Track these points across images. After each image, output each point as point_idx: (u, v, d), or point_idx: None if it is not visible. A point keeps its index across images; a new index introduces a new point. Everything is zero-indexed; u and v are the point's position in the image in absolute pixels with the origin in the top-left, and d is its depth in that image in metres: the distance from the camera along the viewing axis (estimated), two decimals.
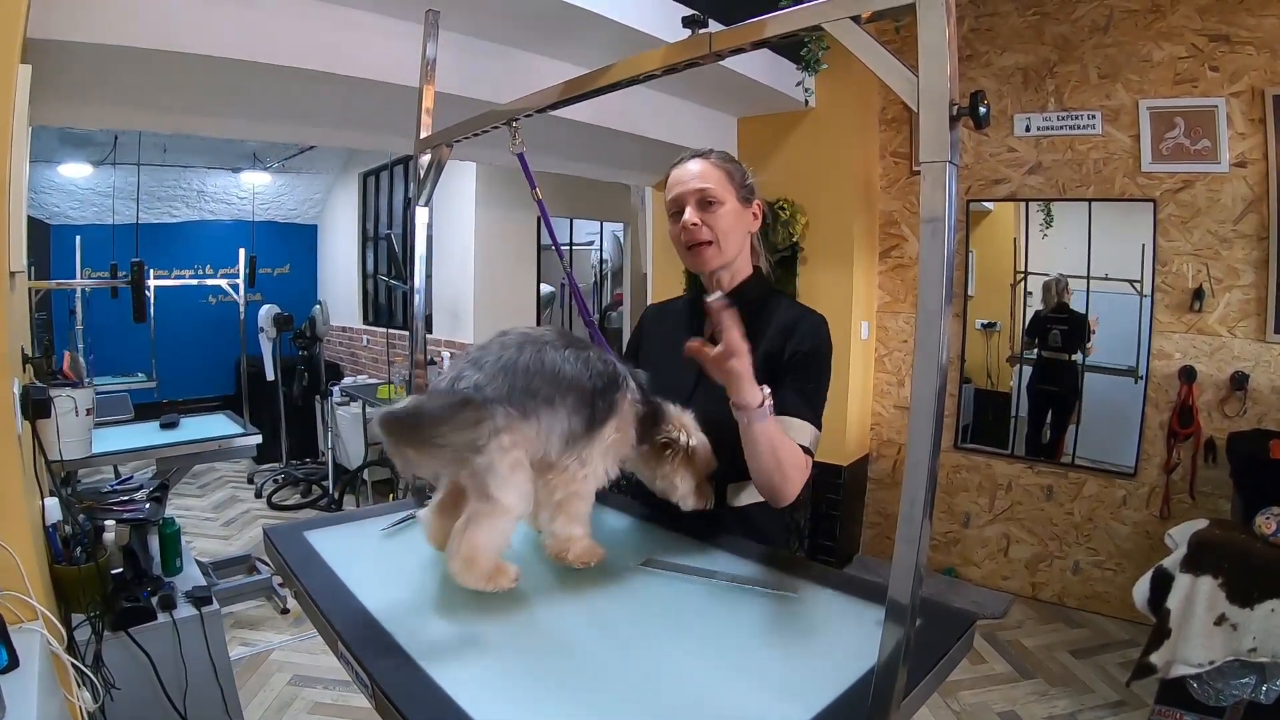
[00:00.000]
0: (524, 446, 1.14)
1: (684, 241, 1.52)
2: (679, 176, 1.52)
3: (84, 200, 6.56)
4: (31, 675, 1.34)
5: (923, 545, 0.73)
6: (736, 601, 1.15)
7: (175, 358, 7.03)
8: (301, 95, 2.57)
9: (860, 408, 4.31)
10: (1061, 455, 3.85)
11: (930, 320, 0.72)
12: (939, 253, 0.70)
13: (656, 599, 1.16)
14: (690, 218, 1.49)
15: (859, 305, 4.13)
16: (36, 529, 1.60)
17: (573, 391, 1.18)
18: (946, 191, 0.70)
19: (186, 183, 7.32)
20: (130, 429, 3.90)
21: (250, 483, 5.92)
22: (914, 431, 0.73)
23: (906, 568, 0.75)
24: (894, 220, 4.25)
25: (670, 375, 1.49)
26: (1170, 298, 3.46)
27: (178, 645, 2.02)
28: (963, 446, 4.11)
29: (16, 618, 1.47)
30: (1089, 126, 3.58)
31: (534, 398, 1.14)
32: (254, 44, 2.21)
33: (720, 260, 1.52)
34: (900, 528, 0.75)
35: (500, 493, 1.12)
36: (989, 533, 4.03)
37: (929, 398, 0.71)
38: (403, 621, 1.06)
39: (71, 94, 2.32)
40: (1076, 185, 3.64)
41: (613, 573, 1.25)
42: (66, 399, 2.32)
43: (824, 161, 4.03)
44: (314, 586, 1.18)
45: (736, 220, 1.51)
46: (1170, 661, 2.49)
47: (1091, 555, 3.71)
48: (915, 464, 0.74)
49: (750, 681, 0.93)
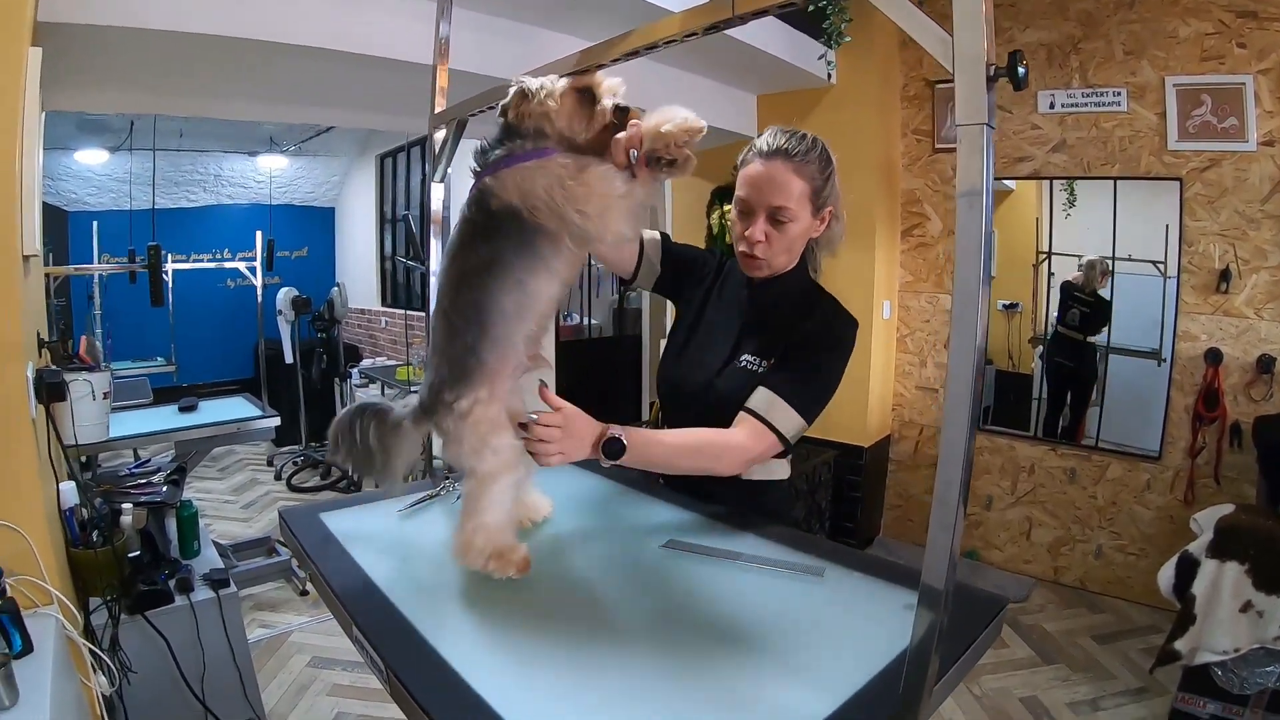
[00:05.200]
0: (491, 401, 1.15)
1: (744, 250, 1.44)
2: (758, 176, 1.40)
3: (101, 186, 6.58)
4: (46, 660, 1.33)
5: (958, 530, 0.70)
6: (761, 584, 1.13)
7: (195, 342, 7.06)
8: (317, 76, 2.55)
9: (882, 389, 4.26)
10: (1083, 437, 3.79)
11: (968, 297, 0.68)
12: (976, 223, 0.67)
13: (679, 581, 1.14)
14: (756, 234, 1.40)
15: (881, 285, 4.08)
16: (52, 513, 1.59)
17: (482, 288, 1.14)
18: (984, 156, 0.67)
19: (204, 167, 7.32)
20: (149, 412, 3.90)
21: (270, 465, 5.94)
22: (950, 413, 0.70)
23: (941, 553, 0.71)
24: (916, 199, 4.18)
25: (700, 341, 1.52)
26: (1196, 279, 3.38)
27: (195, 628, 2.02)
28: (985, 428, 4.05)
29: (31, 602, 1.47)
30: (1114, 104, 3.49)
31: (471, 353, 1.14)
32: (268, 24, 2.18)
33: (768, 273, 1.46)
34: (934, 512, 0.71)
35: (475, 461, 1.14)
36: (1011, 516, 3.99)
37: (966, 379, 0.68)
38: (418, 604, 1.05)
39: (84, 78, 2.31)
40: (1101, 163, 3.57)
41: (634, 555, 1.24)
42: (83, 383, 2.32)
43: (845, 139, 3.88)
44: (328, 569, 1.17)
45: (801, 235, 1.43)
46: (1195, 648, 2.45)
47: (1114, 539, 3.66)
48: (950, 447, 0.70)
49: (777, 667, 0.91)
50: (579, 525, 1.40)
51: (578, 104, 1.13)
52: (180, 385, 6.14)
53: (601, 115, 1.13)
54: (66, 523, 1.97)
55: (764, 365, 1.41)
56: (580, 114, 1.13)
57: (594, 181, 1.09)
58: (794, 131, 1.41)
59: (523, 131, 1.13)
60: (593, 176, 1.09)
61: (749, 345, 1.45)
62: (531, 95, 1.11)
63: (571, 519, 1.42)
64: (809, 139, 1.40)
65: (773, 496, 1.52)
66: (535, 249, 1.12)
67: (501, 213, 1.11)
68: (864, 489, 4.16)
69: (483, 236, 1.13)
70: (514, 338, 1.16)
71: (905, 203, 4.23)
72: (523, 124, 1.13)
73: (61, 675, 1.41)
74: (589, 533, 1.37)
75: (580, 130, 1.14)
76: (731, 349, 1.47)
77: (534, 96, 1.11)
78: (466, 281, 1.15)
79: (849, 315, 1.46)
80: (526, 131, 1.13)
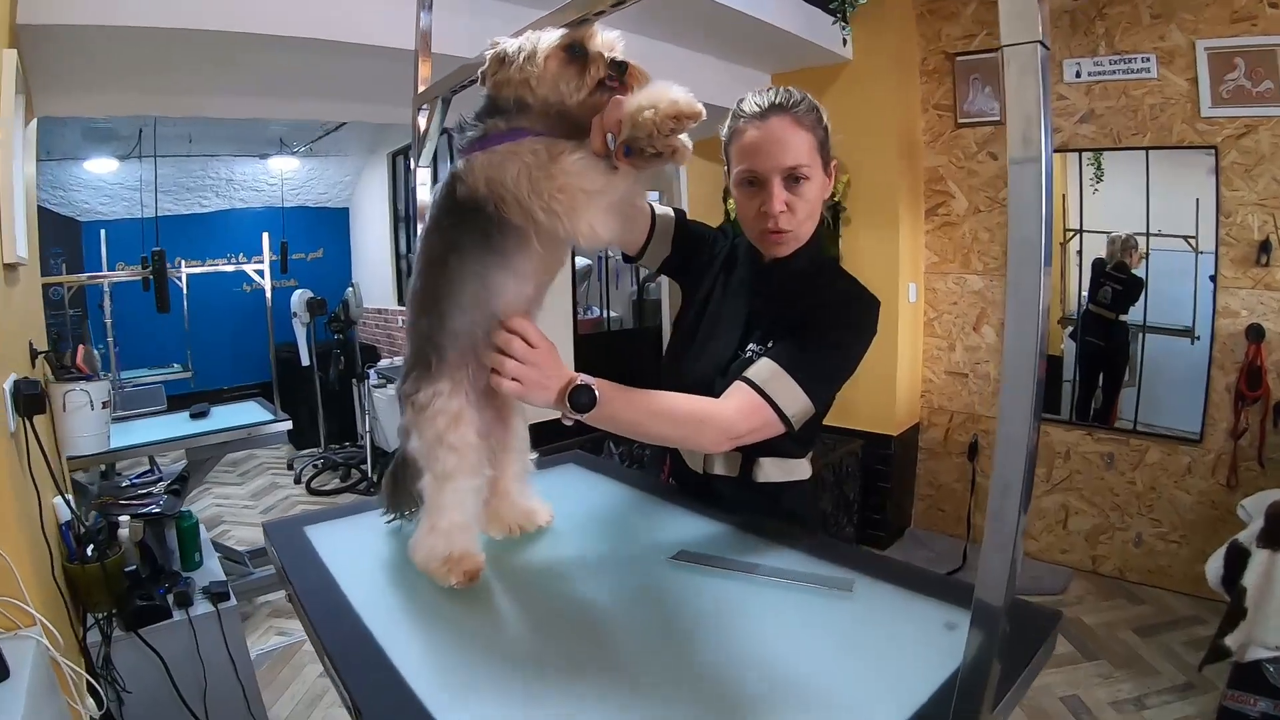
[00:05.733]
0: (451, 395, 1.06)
1: (766, 227, 1.28)
2: (761, 140, 1.25)
3: (113, 195, 6.55)
4: (20, 687, 1.26)
5: (1018, 545, 0.58)
6: (782, 600, 1.01)
7: (210, 347, 7.03)
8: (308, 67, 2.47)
9: (909, 374, 4.12)
10: (1116, 420, 3.65)
11: (1026, 258, 0.55)
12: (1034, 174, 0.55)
13: (691, 599, 1.02)
14: (777, 204, 1.24)
15: (905, 266, 3.94)
16: (34, 530, 1.52)
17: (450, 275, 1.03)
18: (1039, 81, 0.54)
19: (215, 172, 7.29)
20: (160, 420, 3.86)
21: (290, 469, 5.90)
22: (1007, 403, 0.58)
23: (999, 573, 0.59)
24: (939, 176, 4.03)
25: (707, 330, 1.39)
26: (1235, 251, 3.22)
27: (194, 644, 1.95)
28: None
29: (13, 624, 1.40)
30: (1143, 70, 3.33)
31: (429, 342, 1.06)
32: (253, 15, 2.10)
33: (796, 246, 1.31)
34: (990, 525, 0.59)
35: (430, 459, 1.06)
36: (1047, 504, 3.84)
37: (1026, 362, 0.56)
38: (395, 630, 0.95)
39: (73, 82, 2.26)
40: (1132, 133, 3.41)
41: (640, 568, 1.12)
42: (80, 393, 2.25)
43: (864, 117, 3.82)
44: (304, 589, 1.07)
45: (818, 196, 1.29)
46: (1246, 644, 2.31)
47: (1154, 526, 3.51)
48: (1010, 442, 0.58)
49: (801, 697, 0.80)
50: (579, 534, 1.29)
51: (565, 64, 0.98)
52: (197, 391, 6.12)
53: (594, 74, 0.97)
54: (64, 538, 1.92)
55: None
56: (568, 75, 0.97)
57: (564, 173, 0.94)
58: (775, 88, 1.28)
59: (502, 104, 1.01)
60: (563, 167, 0.95)
61: (756, 336, 1.32)
62: (510, 60, 0.98)
63: (571, 526, 1.31)
64: (795, 91, 1.27)
65: (793, 499, 1.38)
66: (499, 247, 1.00)
67: (466, 202, 0.99)
68: (893, 479, 4.03)
69: (449, 224, 1.03)
70: (475, 332, 1.06)
71: (928, 181, 4.08)
72: (501, 94, 1.00)
73: (41, 699, 1.34)
74: (589, 543, 1.25)
75: (571, 93, 0.97)
76: (739, 339, 1.34)
77: (513, 61, 0.97)
78: (431, 268, 1.05)
79: (869, 293, 1.32)
80: (506, 104, 1.00)
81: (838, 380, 1.26)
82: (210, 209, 7.49)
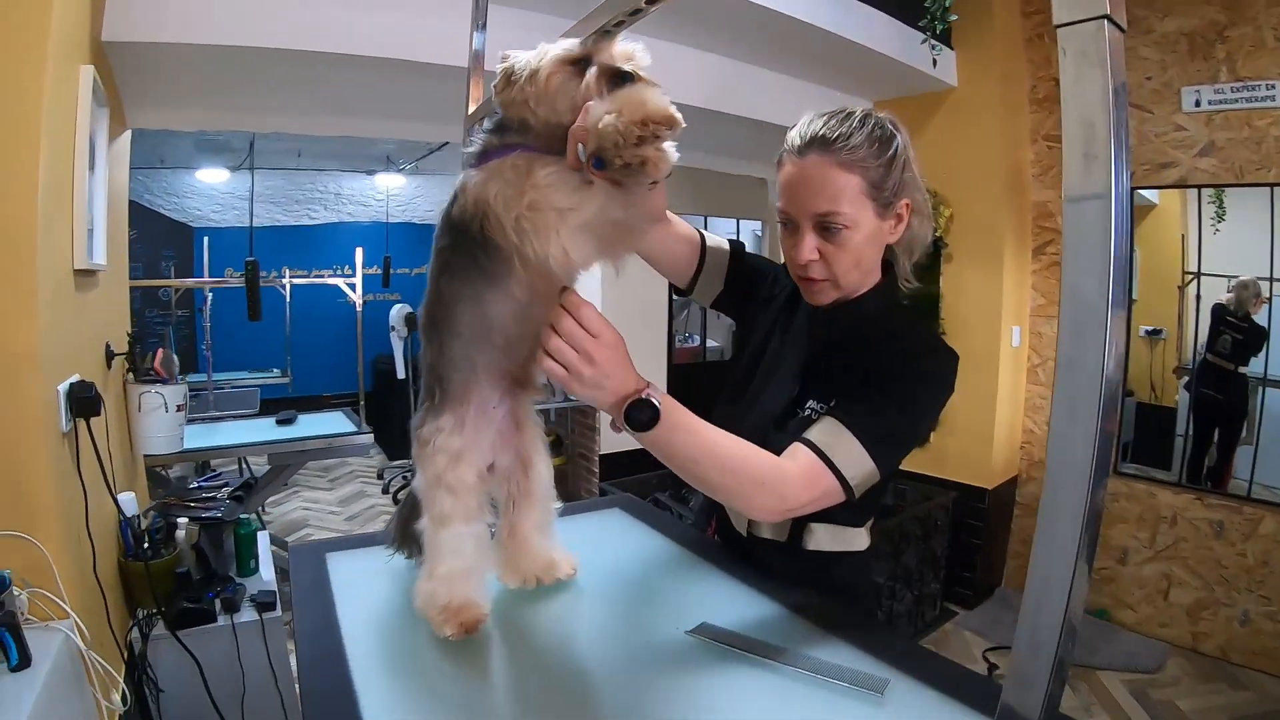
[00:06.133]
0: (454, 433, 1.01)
1: (795, 273, 1.17)
2: (794, 180, 1.11)
3: (224, 204, 6.94)
4: (38, 677, 1.29)
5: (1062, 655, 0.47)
6: (803, 696, 0.88)
7: (310, 355, 7.32)
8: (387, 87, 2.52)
9: (1009, 424, 3.87)
10: (1230, 480, 3.34)
11: (1083, 326, 0.45)
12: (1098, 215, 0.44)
13: (703, 682, 0.91)
14: (804, 253, 1.10)
15: (1009, 308, 3.70)
16: (77, 527, 1.56)
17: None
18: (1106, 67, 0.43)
19: (323, 186, 7.63)
20: (247, 424, 4.02)
21: (380, 478, 6.03)
22: (1055, 474, 0.48)
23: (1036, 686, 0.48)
24: (1049, 212, 3.80)
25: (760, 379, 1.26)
26: None
27: (236, 650, 1.97)
28: (1123, 472, 3.62)
29: (47, 615, 1.44)
30: (1268, 98, 3.06)
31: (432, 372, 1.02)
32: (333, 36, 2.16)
33: (837, 295, 1.16)
34: (1023, 622, 0.49)
35: (428, 499, 1.01)
36: (1147, 572, 3.53)
37: (1073, 472, 0.45)
38: (381, 684, 0.90)
39: (161, 96, 2.36)
40: (1256, 168, 3.13)
41: (654, 640, 1.02)
42: (154, 395, 2.34)
43: (968, 147, 3.66)
44: (303, 628, 1.04)
45: (869, 244, 1.12)
46: None
47: (1264, 605, 3.17)
48: (1054, 510, 0.48)
49: None
50: (599, 592, 1.20)
51: (568, 80, 0.89)
52: (294, 396, 6.37)
53: (586, 90, 0.87)
54: (123, 534, 1.98)
55: None
56: (568, 91, 0.89)
57: (533, 188, 0.87)
58: (836, 112, 1.11)
59: (508, 122, 0.94)
60: (533, 182, 0.87)
61: (815, 389, 1.18)
62: (515, 78, 0.91)
63: (594, 581, 1.22)
64: (856, 116, 1.10)
65: (845, 571, 1.22)
66: (489, 269, 0.93)
67: (459, 221, 0.93)
68: (985, 535, 3.79)
69: (444, 245, 0.97)
70: (474, 361, 1.00)
71: (1036, 217, 3.86)
72: (508, 112, 0.94)
73: (63, 690, 1.37)
74: (608, 603, 1.16)
75: (566, 111, 0.88)
76: (793, 394, 1.20)
77: (517, 80, 0.91)
78: (430, 293, 1.01)
79: (945, 346, 1.16)
80: (510, 123, 0.94)
81: (908, 443, 1.11)
82: (319, 221, 7.84)
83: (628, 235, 0.96)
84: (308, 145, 6.56)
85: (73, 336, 1.72)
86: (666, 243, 1.29)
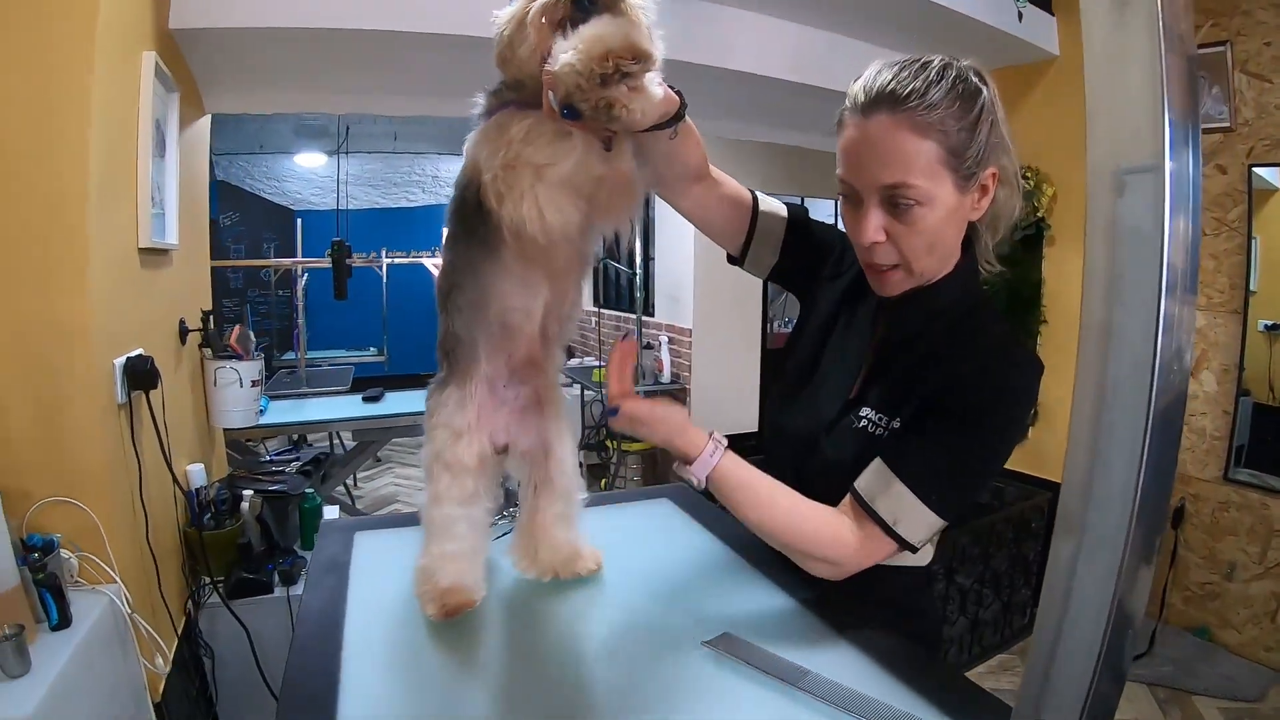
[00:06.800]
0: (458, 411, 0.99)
1: (860, 258, 1.01)
2: (856, 145, 0.93)
3: (324, 187, 7.19)
4: (76, 637, 1.34)
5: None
6: None
7: (406, 334, 7.51)
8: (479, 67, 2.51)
9: None
10: None
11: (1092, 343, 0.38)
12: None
13: (711, 701, 0.83)
14: (871, 232, 0.93)
15: None
16: (130, 495, 1.62)
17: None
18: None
19: (420, 169, 7.82)
20: (335, 400, 4.15)
21: None
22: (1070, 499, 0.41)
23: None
24: None
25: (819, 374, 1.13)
26: None
27: (290, 622, 2.02)
28: (1234, 478, 3.31)
29: (95, 579, 1.51)
30: None
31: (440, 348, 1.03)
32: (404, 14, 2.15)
33: (910, 285, 1.00)
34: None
35: (427, 475, 1.01)
36: (1255, 590, 3.23)
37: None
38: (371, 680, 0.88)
39: (237, 81, 2.41)
40: None
41: (667, 649, 0.94)
42: (229, 370, 2.42)
43: (1073, 121, 3.38)
44: (305, 611, 1.03)
45: (947, 223, 0.94)
46: None
47: None
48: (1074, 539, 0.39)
49: None
50: (620, 590, 1.12)
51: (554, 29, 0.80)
52: (390, 375, 6.56)
53: (547, 15, 0.80)
54: (190, 503, 2.07)
55: (888, 426, 0.99)
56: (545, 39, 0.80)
57: (507, 144, 0.80)
58: (909, 61, 0.93)
59: (507, 83, 0.89)
60: (508, 138, 0.81)
61: (873, 393, 1.03)
62: (500, 33, 0.86)
63: (617, 579, 1.15)
64: (934, 66, 0.91)
65: (896, 587, 1.06)
66: (486, 239, 0.88)
67: (460, 187, 0.90)
68: None
69: (453, 211, 0.94)
70: (474, 337, 0.97)
71: None
72: (504, 71, 0.88)
73: (102, 652, 1.43)
74: (627, 604, 1.08)
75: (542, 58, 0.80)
76: (849, 395, 1.06)
77: (502, 34, 0.86)
78: (445, 262, 0.99)
79: (1027, 355, 1.02)
80: (510, 83, 0.88)
81: (980, 485, 1.02)
82: (417, 204, 8.04)
83: (622, 194, 0.88)
84: (403, 129, 6.73)
85: (136, 312, 1.79)
86: (709, 203, 1.13)
